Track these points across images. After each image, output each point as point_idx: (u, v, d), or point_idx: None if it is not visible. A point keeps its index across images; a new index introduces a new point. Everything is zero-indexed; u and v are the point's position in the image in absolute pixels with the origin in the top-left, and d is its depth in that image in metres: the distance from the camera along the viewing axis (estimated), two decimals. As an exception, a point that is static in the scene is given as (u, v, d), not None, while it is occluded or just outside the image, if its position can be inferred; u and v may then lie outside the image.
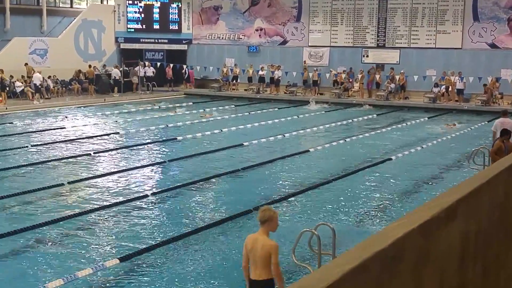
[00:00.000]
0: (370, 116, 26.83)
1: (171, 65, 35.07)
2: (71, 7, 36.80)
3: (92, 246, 9.97)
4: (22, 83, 28.49)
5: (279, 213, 11.70)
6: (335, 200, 12.93)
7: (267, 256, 6.32)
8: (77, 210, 11.75)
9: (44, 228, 10.68)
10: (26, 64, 29.31)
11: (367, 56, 32.72)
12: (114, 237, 10.48)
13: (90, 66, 32.38)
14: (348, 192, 13.68)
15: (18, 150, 17.74)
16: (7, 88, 28.15)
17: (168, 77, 34.82)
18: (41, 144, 18.56)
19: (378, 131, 22.75)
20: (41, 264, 9.15)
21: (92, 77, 31.71)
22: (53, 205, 12.28)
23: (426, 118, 26.54)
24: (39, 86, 28.75)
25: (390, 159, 17.22)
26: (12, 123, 22.61)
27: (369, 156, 17.75)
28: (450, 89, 29.91)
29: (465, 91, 29.56)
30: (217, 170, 15.56)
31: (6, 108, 25.69)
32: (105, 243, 10.15)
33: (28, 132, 20.74)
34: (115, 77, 32.16)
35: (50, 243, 10.05)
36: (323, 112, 28.08)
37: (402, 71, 31.00)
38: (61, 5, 36.48)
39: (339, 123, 24.78)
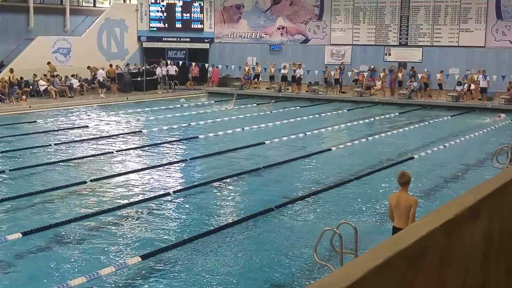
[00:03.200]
0: (392, 115, 26.66)
1: (194, 63, 35.17)
2: (94, 6, 37.09)
3: (114, 244, 10.04)
4: (45, 82, 28.80)
5: (300, 212, 11.73)
6: (357, 199, 12.87)
7: (409, 208, 8.05)
8: (99, 208, 11.84)
9: (67, 225, 10.77)
10: (49, 63, 29.60)
11: (389, 54, 32.51)
12: (136, 235, 10.54)
13: (111, 65, 32.64)
14: (370, 190, 13.61)
15: (42, 148, 17.93)
16: (31, 87, 28.50)
17: (194, 75, 34.96)
18: (64, 143, 18.74)
19: (401, 130, 22.60)
20: (64, 261, 9.23)
21: (114, 76, 31.98)
22: (76, 203, 12.39)
23: (449, 117, 26.30)
24: (103, 82, 30.02)
25: (413, 157, 17.09)
26: (35, 121, 22.85)
27: (392, 155, 17.65)
28: (473, 87, 29.61)
29: (489, 90, 29.23)
30: (239, 168, 15.57)
31: (30, 107, 25.97)
32: (127, 241, 10.21)
33: (51, 131, 20.95)
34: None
35: (72, 241, 10.14)
36: (345, 110, 27.96)
37: (425, 70, 30.75)
38: (84, 4, 36.79)
39: (361, 121, 24.66)
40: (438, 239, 3.20)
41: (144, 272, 8.89)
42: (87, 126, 22.19)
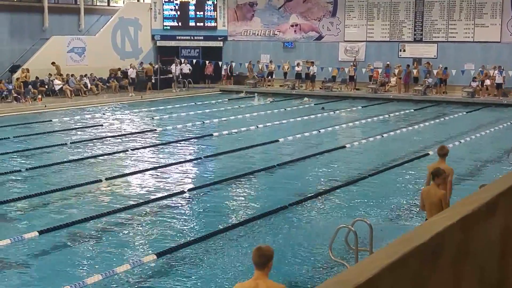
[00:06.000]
0: (407, 111, 26.52)
1: (208, 61, 35.21)
2: (108, 5, 37.22)
3: (130, 241, 10.09)
4: (60, 81, 28.96)
5: (314, 210, 11.70)
6: (371, 196, 12.82)
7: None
8: (115, 206, 11.89)
9: (83, 224, 10.84)
10: (53, 63, 29.46)
11: (404, 50, 32.33)
12: (151, 232, 10.58)
13: (151, 63, 32.88)
14: (385, 187, 13.55)
15: (57, 147, 18.04)
16: (46, 86, 28.68)
17: (208, 73, 35.03)
18: (79, 142, 18.84)
19: (416, 126, 22.48)
20: (80, 259, 9.29)
21: (151, 75, 32.25)
22: (91, 201, 12.46)
23: (465, 113, 26.11)
24: (135, 79, 30.82)
25: (428, 154, 16.99)
26: (51, 121, 23.00)
27: (407, 151, 17.55)
28: (488, 83, 29.36)
29: (504, 85, 28.96)
30: (253, 166, 15.57)
31: (45, 106, 26.14)
32: (142, 239, 10.25)
33: (67, 130, 21.07)
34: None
35: (88, 239, 10.19)
36: (360, 107, 27.84)
37: (440, 65, 30.55)
38: (98, 4, 36.94)
39: (375, 118, 24.55)
40: (454, 236, 3.17)
41: (159, 269, 8.91)
42: (102, 125, 22.30)
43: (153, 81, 32.33)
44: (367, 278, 2.25)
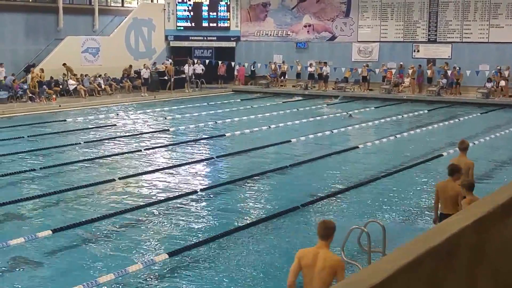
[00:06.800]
0: (421, 112, 26.38)
1: (221, 62, 35.26)
2: (122, 6, 37.37)
3: (142, 241, 10.11)
4: (75, 81, 29.12)
5: (326, 210, 11.67)
6: (384, 197, 12.76)
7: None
8: (128, 205, 11.93)
9: (96, 223, 10.88)
10: (64, 64, 29.60)
11: (418, 51, 32.17)
12: (163, 232, 10.60)
13: (171, 63, 33.06)
14: (398, 188, 13.48)
15: (71, 146, 18.14)
16: (60, 86, 28.84)
17: (221, 73, 35.05)
18: (93, 141, 18.92)
19: (430, 127, 22.35)
20: (93, 258, 9.32)
21: (172, 74, 32.40)
22: (105, 200, 12.51)
23: (479, 114, 25.93)
24: (148, 79, 30.86)
25: (441, 155, 16.88)
26: (65, 120, 23.13)
27: (420, 153, 17.45)
28: (503, 84, 29.14)
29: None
30: (265, 166, 15.55)
31: (60, 106, 26.30)
32: (155, 238, 10.27)
33: (81, 130, 21.17)
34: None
35: (101, 238, 10.23)
36: (373, 108, 27.74)
37: (454, 66, 30.37)
38: (112, 4, 37.10)
39: (389, 119, 24.45)
40: (470, 237, 3.14)
41: (171, 269, 8.92)
42: (116, 125, 22.38)
43: (172, 80, 32.51)
44: (381, 279, 2.22)
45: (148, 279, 8.56)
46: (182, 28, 36.26)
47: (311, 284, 5.74)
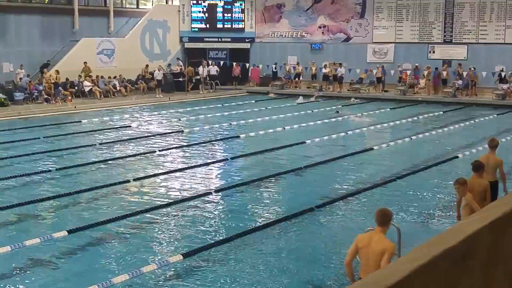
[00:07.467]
0: (436, 114, 26.22)
1: (235, 63, 35.30)
2: (137, 7, 37.53)
3: (157, 242, 10.14)
4: (90, 82, 29.28)
5: (341, 212, 11.63)
6: (399, 199, 12.69)
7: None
8: (142, 206, 11.96)
9: (111, 224, 10.92)
10: (85, 63, 29.89)
11: (434, 52, 31.99)
12: (177, 233, 10.62)
13: (189, 65, 33.14)
14: (413, 190, 13.40)
15: (86, 147, 18.23)
16: (76, 88, 29.02)
17: (235, 74, 35.09)
18: (108, 142, 19.01)
19: (445, 129, 22.22)
20: (108, 259, 9.36)
21: (191, 76, 32.53)
22: (119, 201, 12.55)
23: (495, 115, 25.73)
24: (161, 81, 31.06)
25: (457, 157, 16.77)
26: (80, 122, 23.26)
27: (435, 154, 17.35)
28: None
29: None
30: (279, 168, 15.53)
31: (75, 107, 26.46)
32: (169, 239, 10.29)
33: (96, 131, 21.28)
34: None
35: (116, 239, 10.27)
36: (388, 109, 27.61)
37: (470, 67, 30.16)
38: (127, 6, 37.28)
39: (404, 120, 24.33)
40: (485, 239, 3.10)
41: (185, 270, 8.93)
42: (130, 126, 22.48)
43: (193, 81, 32.64)
44: (397, 280, 2.21)
45: (162, 280, 8.58)
46: (196, 29, 36.35)
47: (367, 265, 6.38)
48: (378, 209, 6.70)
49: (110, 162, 16.22)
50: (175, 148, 18.43)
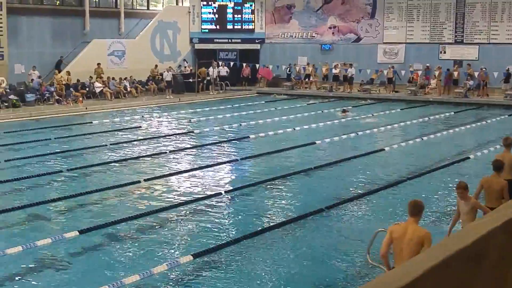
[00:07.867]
0: (447, 114, 26.11)
1: (245, 64, 35.31)
2: (148, 9, 37.63)
3: (167, 242, 10.15)
4: (101, 83, 29.39)
5: (351, 213, 11.59)
6: (410, 200, 12.61)
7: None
8: (153, 207, 11.99)
9: (122, 224, 10.95)
10: (99, 64, 30.02)
11: (444, 52, 31.85)
12: (188, 233, 10.63)
13: (202, 67, 33.22)
14: (424, 191, 13.34)
15: (97, 148, 18.29)
16: (87, 89, 29.13)
17: (245, 75, 35.09)
18: (118, 143, 19.07)
19: (457, 129, 22.10)
20: (118, 259, 9.39)
21: (204, 77, 32.65)
22: (130, 202, 12.59)
23: (507, 116, 25.57)
24: (170, 82, 31.16)
25: (468, 157, 16.68)
26: (91, 122, 23.36)
27: (447, 155, 17.27)
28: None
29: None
30: (290, 168, 15.52)
31: (86, 108, 26.57)
32: (179, 240, 10.31)
33: (107, 132, 21.36)
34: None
35: (127, 239, 10.29)
36: (399, 110, 27.52)
37: (481, 68, 29.99)
38: (138, 8, 37.40)
39: (415, 121, 24.23)
40: (498, 239, 3.08)
41: (195, 270, 8.94)
42: (141, 127, 22.54)
43: (205, 82, 32.75)
44: (408, 281, 2.19)
45: (172, 280, 8.59)
46: (207, 30, 36.39)
47: (401, 254, 6.55)
48: (410, 201, 6.98)
49: (120, 162, 16.27)
50: (186, 148, 18.45)
